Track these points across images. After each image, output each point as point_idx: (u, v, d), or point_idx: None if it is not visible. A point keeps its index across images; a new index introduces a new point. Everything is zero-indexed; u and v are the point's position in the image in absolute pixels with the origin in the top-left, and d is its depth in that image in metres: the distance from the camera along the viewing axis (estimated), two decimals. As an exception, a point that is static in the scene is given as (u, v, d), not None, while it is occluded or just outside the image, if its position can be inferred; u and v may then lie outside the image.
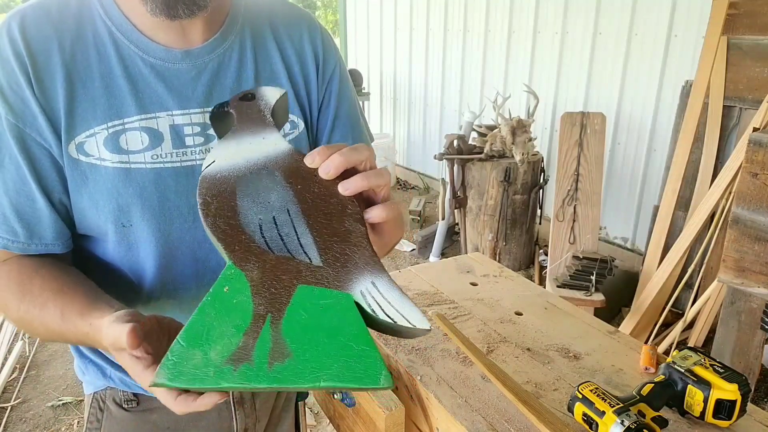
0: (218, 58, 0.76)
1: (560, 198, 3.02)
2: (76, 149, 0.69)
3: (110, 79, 0.70)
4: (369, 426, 0.84)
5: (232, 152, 0.61)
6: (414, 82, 5.38)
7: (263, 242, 0.55)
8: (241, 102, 0.65)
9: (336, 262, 0.54)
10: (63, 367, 2.68)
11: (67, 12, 0.70)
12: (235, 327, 0.50)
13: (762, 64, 2.45)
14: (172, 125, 0.73)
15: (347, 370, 0.48)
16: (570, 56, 3.76)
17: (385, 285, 0.53)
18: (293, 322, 0.51)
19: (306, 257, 0.55)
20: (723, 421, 0.70)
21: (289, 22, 0.85)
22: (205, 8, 0.69)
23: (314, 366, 0.48)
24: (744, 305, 1.93)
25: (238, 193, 0.58)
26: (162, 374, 0.48)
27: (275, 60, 0.82)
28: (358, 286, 0.53)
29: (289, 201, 0.57)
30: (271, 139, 0.61)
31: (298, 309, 0.52)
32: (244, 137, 0.62)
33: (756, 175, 1.78)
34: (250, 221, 0.56)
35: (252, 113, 0.63)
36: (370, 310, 0.52)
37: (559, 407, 0.75)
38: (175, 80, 0.73)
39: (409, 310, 0.52)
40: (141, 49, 0.71)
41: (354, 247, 0.55)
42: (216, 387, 0.48)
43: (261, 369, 0.48)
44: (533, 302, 1.05)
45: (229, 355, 0.48)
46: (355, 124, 0.91)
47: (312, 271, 0.54)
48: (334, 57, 0.88)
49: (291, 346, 0.49)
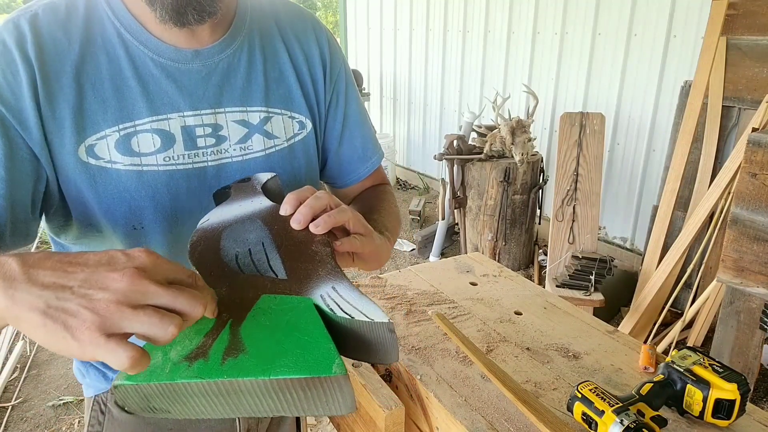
0: (228, 58, 0.76)
1: (559, 198, 3.02)
2: (86, 152, 0.68)
3: (121, 81, 0.70)
4: (369, 425, 0.85)
5: (223, 213, 0.68)
6: (414, 82, 5.38)
7: (236, 267, 0.59)
8: (239, 184, 0.74)
9: (300, 275, 0.57)
10: (64, 367, 2.68)
11: (76, 14, 0.69)
12: (196, 331, 0.52)
13: (761, 64, 2.45)
14: (183, 126, 0.72)
15: (299, 361, 0.48)
16: (569, 57, 3.76)
17: (345, 288, 0.55)
18: (253, 324, 0.52)
19: (273, 274, 0.58)
20: (722, 420, 0.70)
21: (295, 23, 0.85)
22: (214, 14, 0.69)
23: (267, 359, 0.49)
24: (743, 305, 1.93)
25: (223, 237, 0.63)
26: (122, 375, 0.48)
27: (283, 60, 0.82)
28: (318, 291, 0.55)
29: (264, 237, 0.62)
30: (258, 201, 0.69)
31: (259, 314, 0.53)
32: (236, 203, 0.70)
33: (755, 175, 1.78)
34: (229, 254, 0.61)
35: (246, 188, 0.72)
36: (329, 309, 0.53)
37: (559, 407, 0.76)
38: (185, 81, 0.73)
39: (367, 307, 0.53)
40: (151, 49, 0.71)
41: (318, 263, 0.58)
42: (170, 382, 0.48)
43: (214, 364, 0.48)
44: (533, 302, 1.05)
45: (186, 354, 0.50)
46: (363, 123, 0.93)
47: (276, 284, 0.57)
48: (339, 58, 0.89)
49: (246, 342, 0.50)
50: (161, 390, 0.49)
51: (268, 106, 0.80)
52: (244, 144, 0.78)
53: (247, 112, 0.78)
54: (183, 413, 0.51)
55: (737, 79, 2.54)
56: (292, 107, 0.83)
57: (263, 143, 0.80)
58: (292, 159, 0.83)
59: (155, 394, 0.49)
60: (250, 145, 0.79)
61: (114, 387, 0.48)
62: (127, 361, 0.42)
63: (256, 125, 0.79)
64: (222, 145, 0.76)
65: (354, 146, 0.92)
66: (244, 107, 0.78)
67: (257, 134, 0.79)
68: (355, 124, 0.91)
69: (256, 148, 0.79)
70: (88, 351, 0.42)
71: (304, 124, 0.84)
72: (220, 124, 0.75)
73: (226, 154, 0.76)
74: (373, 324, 0.52)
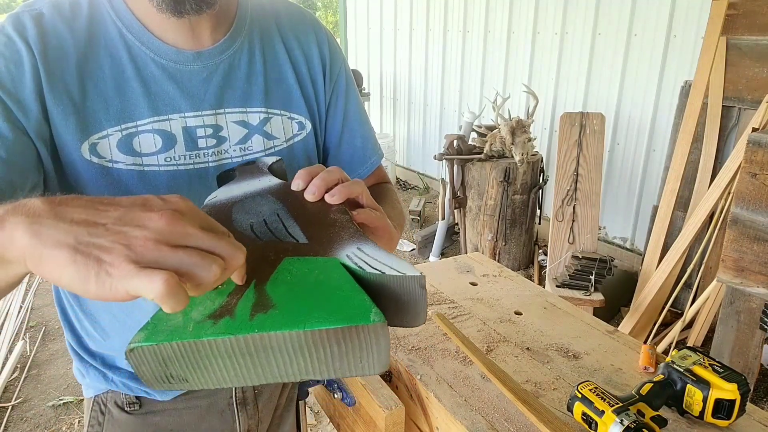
0: (229, 59, 0.76)
1: (559, 198, 3.02)
2: (89, 150, 0.68)
3: (122, 81, 0.70)
4: (369, 425, 0.85)
5: (232, 189, 0.66)
6: (414, 82, 5.38)
7: (253, 235, 0.57)
8: (243, 167, 0.72)
9: (322, 239, 0.55)
10: (64, 367, 2.68)
11: (80, 13, 0.70)
12: (218, 292, 0.48)
13: (761, 64, 2.45)
14: (184, 127, 0.73)
15: (335, 312, 0.45)
16: (569, 56, 3.76)
17: (370, 248, 0.53)
18: (278, 282, 0.49)
19: (293, 239, 0.55)
20: (722, 420, 0.70)
21: (295, 24, 0.85)
22: (212, 5, 0.68)
23: (299, 312, 0.46)
24: (743, 305, 1.94)
25: (234, 211, 0.61)
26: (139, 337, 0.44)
27: (283, 61, 0.82)
28: (344, 252, 0.53)
29: (279, 209, 0.60)
30: (267, 179, 0.67)
31: (283, 273, 0.50)
32: (243, 182, 0.68)
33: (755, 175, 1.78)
34: (243, 225, 0.58)
35: (252, 169, 0.71)
36: (357, 267, 0.50)
37: (559, 407, 0.76)
38: (186, 82, 0.73)
39: (397, 263, 0.50)
40: (152, 50, 0.71)
41: (340, 228, 0.56)
42: (194, 340, 0.44)
43: (242, 320, 0.45)
44: (533, 302, 1.05)
45: (210, 313, 0.46)
46: (364, 122, 0.93)
47: (298, 247, 0.54)
48: (339, 58, 0.89)
49: (275, 299, 0.48)
50: (182, 351, 0.44)
51: (268, 107, 0.80)
52: (243, 144, 0.78)
53: (247, 113, 0.78)
54: (202, 382, 0.47)
55: (737, 79, 2.54)
56: (291, 108, 0.83)
57: (263, 144, 0.80)
58: (291, 159, 0.83)
59: (175, 357, 0.45)
60: (250, 146, 0.79)
61: (129, 350, 0.43)
62: (163, 286, 0.38)
63: (255, 126, 0.79)
64: (222, 146, 0.76)
65: (354, 146, 0.92)
66: (244, 108, 0.78)
67: (257, 135, 0.79)
68: (355, 124, 0.91)
69: (255, 149, 0.79)
70: (121, 284, 0.38)
71: (303, 125, 0.84)
72: (221, 125, 0.75)
73: (226, 155, 0.77)
74: (404, 278, 0.49)
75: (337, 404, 0.97)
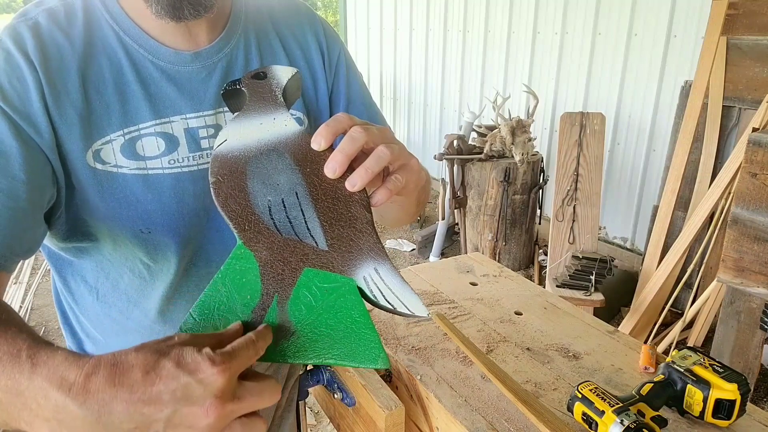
0: (226, 57, 0.76)
1: (560, 198, 3.02)
2: (93, 157, 0.67)
3: (123, 85, 0.69)
4: (369, 425, 0.85)
5: (243, 132, 0.61)
6: (414, 82, 5.38)
7: (272, 224, 0.57)
8: (253, 80, 0.63)
9: (341, 246, 0.56)
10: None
11: (75, 19, 0.69)
12: (244, 304, 0.54)
13: (761, 64, 2.45)
14: (186, 128, 0.72)
15: (348, 351, 0.53)
16: (569, 56, 3.76)
17: (387, 272, 0.56)
18: (299, 302, 0.54)
19: (312, 240, 0.57)
20: (722, 420, 0.70)
21: (289, 17, 0.85)
22: (210, 9, 0.68)
23: (317, 345, 0.53)
24: (743, 305, 1.93)
25: (249, 174, 0.58)
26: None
27: (279, 56, 0.82)
28: (361, 271, 0.55)
29: (297, 184, 0.58)
30: (281, 120, 0.61)
31: (303, 290, 0.55)
32: (255, 117, 0.62)
33: (755, 175, 1.78)
34: (260, 202, 0.57)
35: (264, 92, 0.63)
36: (372, 296, 0.55)
37: (559, 407, 0.76)
38: (186, 83, 0.72)
39: (409, 298, 0.55)
40: (151, 52, 0.70)
41: (359, 233, 0.57)
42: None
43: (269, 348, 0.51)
44: (533, 302, 1.05)
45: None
46: (369, 104, 0.92)
47: (318, 255, 0.56)
48: (337, 43, 0.89)
49: (296, 325, 0.54)
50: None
51: None
52: None
53: None
54: None
55: (737, 79, 2.54)
56: None
57: None
58: None
59: None
60: None
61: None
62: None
63: None
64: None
65: None
66: None
67: None
68: (361, 107, 0.90)
69: None
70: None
71: (301, 120, 0.84)
72: (221, 125, 0.75)
73: None
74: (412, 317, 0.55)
75: (337, 404, 0.97)
